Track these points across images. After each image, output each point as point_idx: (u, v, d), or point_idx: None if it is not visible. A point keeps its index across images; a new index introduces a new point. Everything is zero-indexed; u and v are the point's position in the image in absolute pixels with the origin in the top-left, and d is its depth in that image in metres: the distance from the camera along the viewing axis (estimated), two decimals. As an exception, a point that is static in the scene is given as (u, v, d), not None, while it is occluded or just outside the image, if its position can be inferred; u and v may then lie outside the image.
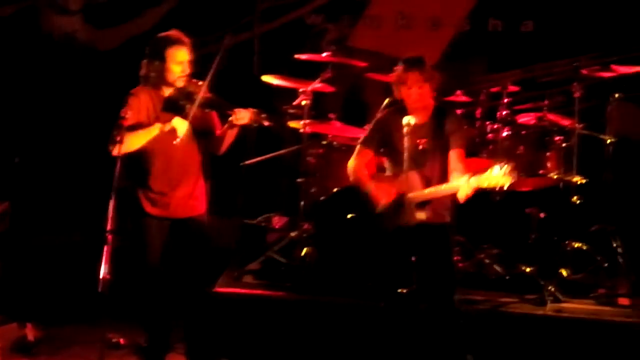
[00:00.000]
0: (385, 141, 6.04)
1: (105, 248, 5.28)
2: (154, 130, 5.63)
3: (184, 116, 5.68)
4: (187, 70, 5.74)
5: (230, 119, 5.70)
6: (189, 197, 5.79)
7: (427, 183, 5.85)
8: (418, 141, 5.90)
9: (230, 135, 5.79)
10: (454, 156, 5.89)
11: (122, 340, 6.51)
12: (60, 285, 7.33)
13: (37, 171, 8.48)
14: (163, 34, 5.77)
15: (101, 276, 5.24)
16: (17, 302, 6.86)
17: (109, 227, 5.31)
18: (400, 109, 6.01)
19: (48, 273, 7.51)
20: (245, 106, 5.73)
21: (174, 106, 5.70)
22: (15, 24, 9.26)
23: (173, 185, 5.74)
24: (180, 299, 5.77)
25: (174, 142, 5.61)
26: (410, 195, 5.76)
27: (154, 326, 5.83)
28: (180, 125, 5.63)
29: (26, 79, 9.02)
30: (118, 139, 5.45)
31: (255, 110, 5.71)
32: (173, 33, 5.76)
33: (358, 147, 6.14)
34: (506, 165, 5.47)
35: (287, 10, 9.08)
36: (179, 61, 5.69)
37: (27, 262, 7.53)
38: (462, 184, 5.61)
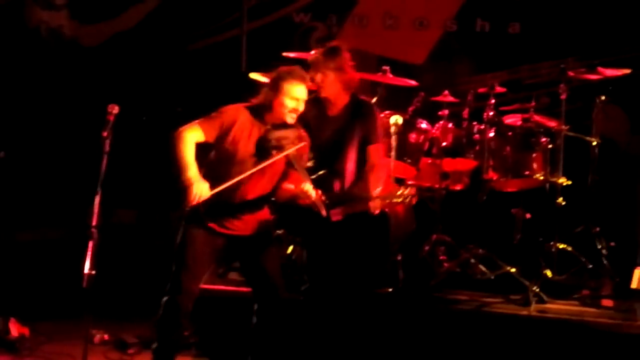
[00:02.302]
0: None
1: (90, 243, 5.25)
2: (182, 172, 5.38)
3: (265, 158, 5.45)
4: (300, 109, 5.54)
5: (295, 188, 5.50)
6: (243, 227, 5.61)
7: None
8: (329, 134, 5.90)
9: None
10: (372, 152, 5.92)
11: (105, 336, 6.50)
12: (44, 281, 7.30)
13: (22, 166, 8.43)
14: (286, 68, 5.59)
15: (85, 272, 5.22)
16: (1, 298, 6.82)
17: (94, 222, 5.29)
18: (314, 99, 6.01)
19: (32, 268, 7.47)
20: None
21: (262, 147, 5.46)
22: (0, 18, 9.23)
23: (232, 216, 5.55)
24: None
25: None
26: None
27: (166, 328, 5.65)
28: (200, 191, 5.34)
29: (11, 74, 8.98)
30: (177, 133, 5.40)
31: (323, 197, 5.52)
32: (296, 69, 5.58)
33: None
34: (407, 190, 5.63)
35: (275, 8, 9.08)
36: (294, 96, 5.49)
37: (11, 257, 7.48)
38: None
